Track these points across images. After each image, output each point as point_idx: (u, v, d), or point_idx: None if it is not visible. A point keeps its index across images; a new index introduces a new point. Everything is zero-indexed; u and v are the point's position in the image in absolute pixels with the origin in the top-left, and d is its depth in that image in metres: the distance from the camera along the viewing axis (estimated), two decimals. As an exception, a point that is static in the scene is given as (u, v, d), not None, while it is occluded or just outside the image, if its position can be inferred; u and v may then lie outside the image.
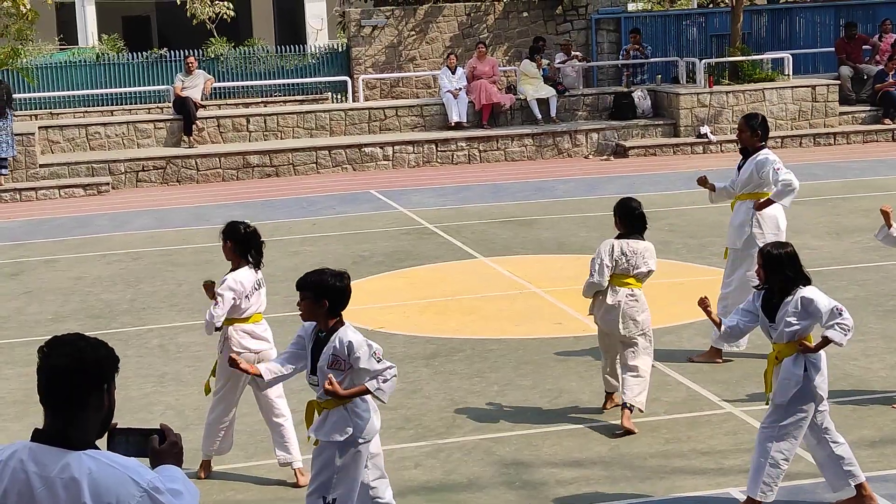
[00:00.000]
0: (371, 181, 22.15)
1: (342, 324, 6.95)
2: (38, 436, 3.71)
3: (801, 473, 8.28)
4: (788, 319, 7.45)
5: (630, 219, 9.47)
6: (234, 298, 8.39)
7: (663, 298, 13.01)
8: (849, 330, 7.46)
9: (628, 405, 9.16)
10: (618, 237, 9.47)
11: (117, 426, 3.80)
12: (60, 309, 13.74)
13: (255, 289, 8.53)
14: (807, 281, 7.55)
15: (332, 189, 21.43)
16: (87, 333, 3.85)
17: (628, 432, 9.10)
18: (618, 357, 9.52)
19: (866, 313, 12.05)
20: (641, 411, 9.29)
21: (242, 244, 8.46)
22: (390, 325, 12.50)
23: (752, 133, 11.12)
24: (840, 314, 7.42)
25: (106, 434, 3.78)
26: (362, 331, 8.69)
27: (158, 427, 3.84)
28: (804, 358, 7.46)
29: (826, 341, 7.44)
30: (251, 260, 8.50)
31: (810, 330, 7.51)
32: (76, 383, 3.66)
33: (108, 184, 22.19)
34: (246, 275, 8.46)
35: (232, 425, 8.78)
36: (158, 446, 3.76)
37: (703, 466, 8.48)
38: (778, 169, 10.95)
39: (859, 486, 7.63)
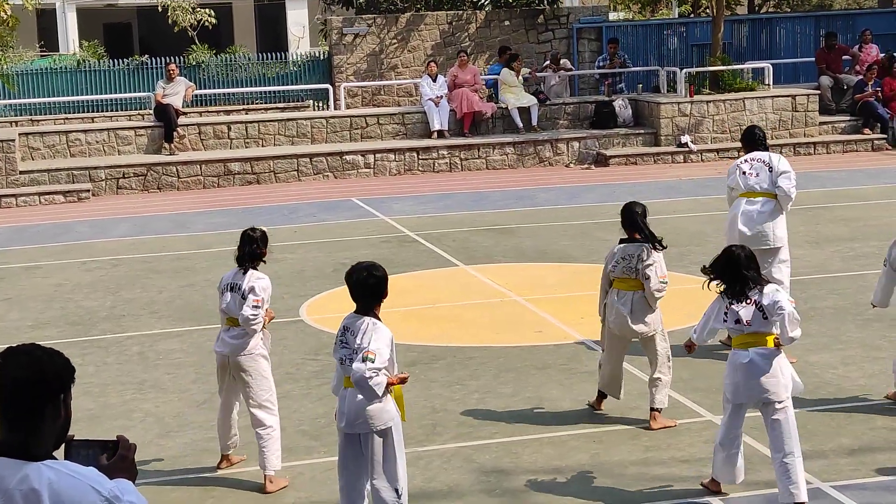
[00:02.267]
0: (352, 189, 22.14)
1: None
2: None
3: (780, 481, 8.31)
4: None
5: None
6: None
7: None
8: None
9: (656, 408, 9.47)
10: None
11: (74, 437, 3.76)
12: (41, 316, 13.69)
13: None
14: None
15: (313, 197, 21.41)
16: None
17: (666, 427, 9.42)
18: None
19: (846, 322, 12.09)
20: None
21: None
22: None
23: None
24: None
25: (63, 445, 3.74)
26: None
27: (115, 438, 3.79)
28: None
29: None
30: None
31: None
32: (35, 394, 3.62)
33: (88, 191, 22.13)
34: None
35: (233, 423, 8.86)
36: (107, 461, 3.71)
37: (683, 474, 8.50)
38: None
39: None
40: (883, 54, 26.32)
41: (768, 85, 25.77)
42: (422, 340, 12.21)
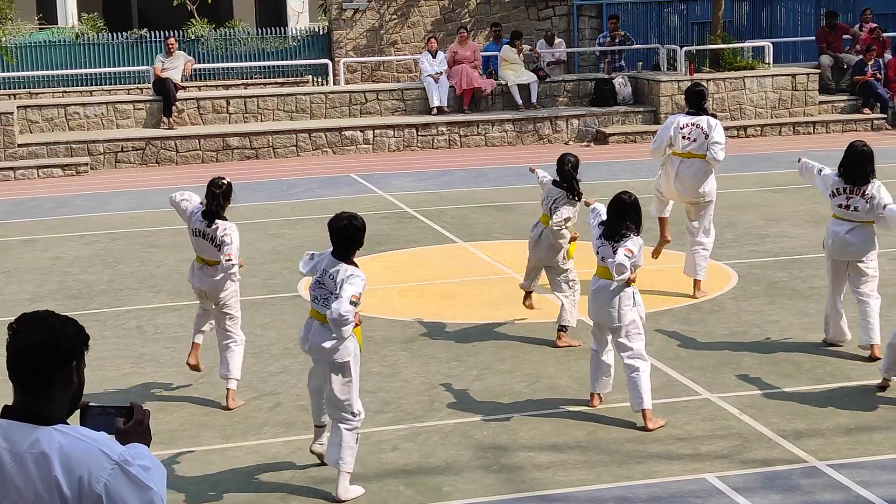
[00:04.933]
0: (351, 165, 22.12)
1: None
2: (8, 412, 3.71)
3: (776, 460, 8.34)
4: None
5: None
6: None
7: (642, 285, 13.03)
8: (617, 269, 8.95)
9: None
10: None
11: (89, 404, 3.79)
12: (39, 289, 13.70)
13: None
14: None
15: (312, 172, 21.40)
16: (65, 314, 3.84)
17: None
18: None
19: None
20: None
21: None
22: (369, 309, 12.49)
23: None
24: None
25: (78, 411, 3.78)
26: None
27: (129, 404, 3.83)
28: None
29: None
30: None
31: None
32: (46, 360, 3.66)
33: (86, 164, 22.09)
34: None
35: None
36: (124, 425, 3.75)
37: (680, 452, 8.52)
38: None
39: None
40: (865, 28, 26.33)
41: (768, 63, 25.71)
42: (420, 316, 12.22)
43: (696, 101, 12.55)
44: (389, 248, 15.30)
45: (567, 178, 11.16)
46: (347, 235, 7.87)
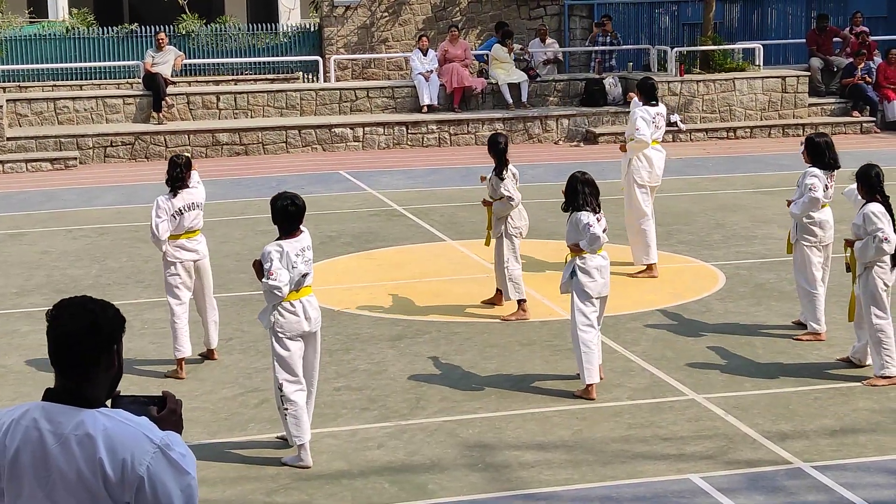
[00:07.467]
0: (341, 162, 22.10)
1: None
2: (50, 395, 3.77)
3: (761, 461, 8.36)
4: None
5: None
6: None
7: (630, 285, 13.08)
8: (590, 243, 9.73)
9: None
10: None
11: (120, 393, 3.85)
12: (25, 283, 13.68)
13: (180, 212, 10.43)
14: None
15: (302, 169, 21.38)
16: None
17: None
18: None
19: (830, 304, 12.10)
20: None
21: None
22: (357, 306, 12.50)
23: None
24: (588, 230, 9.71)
25: (111, 402, 3.83)
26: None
27: (161, 394, 3.91)
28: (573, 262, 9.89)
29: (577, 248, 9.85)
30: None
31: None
32: (88, 345, 3.72)
33: (75, 158, 22.06)
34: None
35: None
36: (157, 414, 3.82)
37: (665, 452, 8.54)
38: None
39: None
40: (852, 32, 26.40)
41: (758, 65, 25.74)
42: (407, 314, 12.22)
43: (653, 93, 14.05)
44: (378, 246, 15.30)
45: (502, 155, 12.77)
46: (291, 214, 8.89)
